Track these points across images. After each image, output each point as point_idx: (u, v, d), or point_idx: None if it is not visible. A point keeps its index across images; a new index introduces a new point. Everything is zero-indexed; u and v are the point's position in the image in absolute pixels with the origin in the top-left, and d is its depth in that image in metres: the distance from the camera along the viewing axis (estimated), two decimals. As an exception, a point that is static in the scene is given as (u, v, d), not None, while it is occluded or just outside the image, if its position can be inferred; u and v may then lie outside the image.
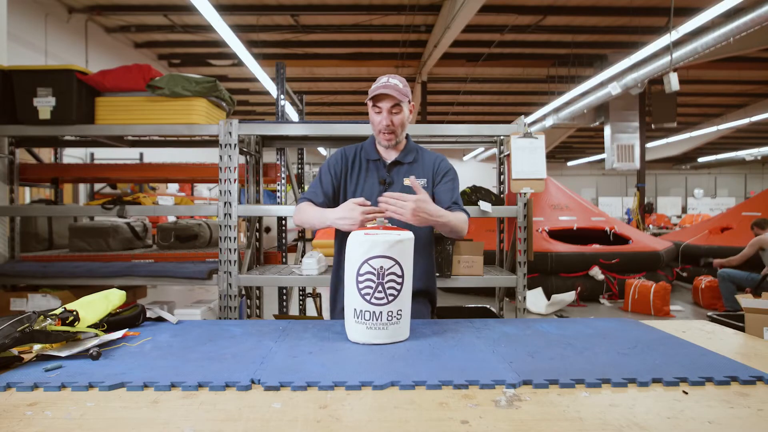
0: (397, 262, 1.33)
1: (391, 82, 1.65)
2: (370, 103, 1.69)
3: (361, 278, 1.33)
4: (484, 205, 2.58)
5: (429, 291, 1.82)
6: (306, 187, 2.67)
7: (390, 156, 1.77)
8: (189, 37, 9.32)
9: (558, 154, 22.39)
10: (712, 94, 13.20)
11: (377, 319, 1.32)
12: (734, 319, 3.24)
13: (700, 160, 22.10)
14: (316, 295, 3.81)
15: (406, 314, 1.37)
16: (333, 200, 1.75)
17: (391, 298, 1.33)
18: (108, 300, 1.41)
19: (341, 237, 1.74)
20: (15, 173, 3.01)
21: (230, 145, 2.56)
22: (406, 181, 1.71)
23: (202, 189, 10.19)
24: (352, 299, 1.35)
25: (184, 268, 2.67)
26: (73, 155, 7.71)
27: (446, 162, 1.81)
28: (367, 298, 1.32)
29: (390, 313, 1.33)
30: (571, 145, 20.52)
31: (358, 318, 1.33)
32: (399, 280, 1.34)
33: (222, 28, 6.10)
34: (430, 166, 1.78)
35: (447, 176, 1.77)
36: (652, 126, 9.95)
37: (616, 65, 8.51)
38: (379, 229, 1.38)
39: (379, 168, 1.76)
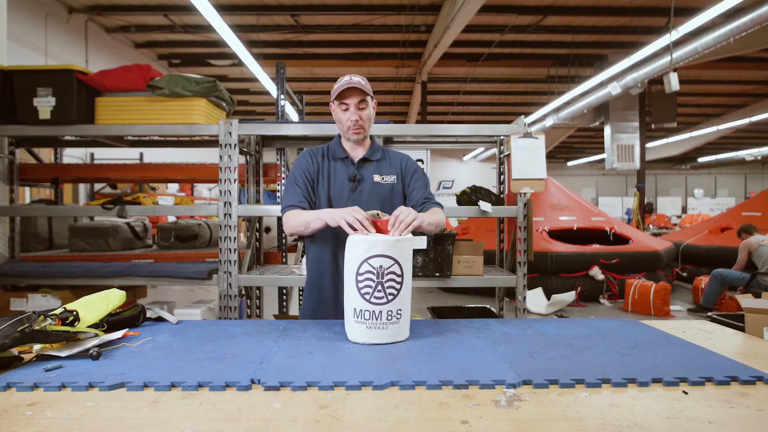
0: (397, 262, 1.33)
1: (354, 79, 1.67)
2: (335, 103, 1.70)
3: (360, 277, 1.33)
4: (484, 205, 2.59)
5: None
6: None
7: (357, 154, 1.78)
8: (189, 37, 9.32)
9: (558, 154, 22.39)
10: (712, 94, 13.20)
11: (377, 319, 1.32)
12: (734, 319, 3.24)
13: (700, 160, 22.10)
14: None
15: (406, 314, 1.37)
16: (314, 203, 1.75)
17: (390, 297, 1.33)
18: (108, 300, 1.41)
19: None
20: (15, 173, 3.01)
21: (230, 145, 2.56)
22: (376, 178, 1.74)
23: (202, 189, 10.18)
24: (351, 299, 1.35)
25: (184, 268, 2.67)
26: (73, 155, 7.71)
27: (413, 162, 1.86)
28: (367, 297, 1.32)
29: (390, 313, 1.33)
30: (571, 145, 20.52)
31: (357, 318, 1.33)
32: (398, 279, 1.34)
33: (222, 28, 6.10)
34: (397, 164, 1.82)
35: (416, 174, 1.82)
36: (652, 126, 9.95)
37: (616, 65, 8.51)
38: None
39: (348, 165, 1.77)
